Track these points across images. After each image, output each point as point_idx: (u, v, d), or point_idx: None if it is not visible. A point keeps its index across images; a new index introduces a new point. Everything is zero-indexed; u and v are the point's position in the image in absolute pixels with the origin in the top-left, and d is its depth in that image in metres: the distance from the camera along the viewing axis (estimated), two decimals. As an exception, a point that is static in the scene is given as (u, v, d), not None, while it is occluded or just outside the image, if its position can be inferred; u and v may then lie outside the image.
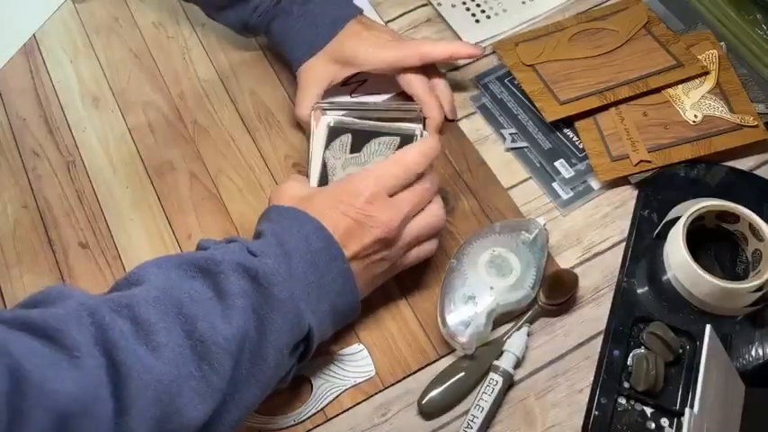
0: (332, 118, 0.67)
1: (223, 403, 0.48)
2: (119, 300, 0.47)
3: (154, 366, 0.44)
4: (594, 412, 0.58)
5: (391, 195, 0.58)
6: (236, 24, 0.76)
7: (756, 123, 0.71)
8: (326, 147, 0.66)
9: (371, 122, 0.66)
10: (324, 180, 0.65)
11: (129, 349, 0.44)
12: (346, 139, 0.66)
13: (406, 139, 0.65)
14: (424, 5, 0.84)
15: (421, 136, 0.65)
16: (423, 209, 0.60)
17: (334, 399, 0.61)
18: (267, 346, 0.50)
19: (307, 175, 0.66)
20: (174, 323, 0.47)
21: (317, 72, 0.72)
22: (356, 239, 0.56)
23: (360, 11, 0.74)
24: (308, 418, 0.60)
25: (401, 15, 0.84)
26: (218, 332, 0.47)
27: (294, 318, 0.52)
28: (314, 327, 0.53)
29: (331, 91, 0.73)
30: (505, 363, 0.60)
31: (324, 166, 0.66)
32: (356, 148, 0.66)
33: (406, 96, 0.74)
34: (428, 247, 0.62)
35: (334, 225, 0.56)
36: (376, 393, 0.61)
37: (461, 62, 0.79)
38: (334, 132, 0.66)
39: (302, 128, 0.75)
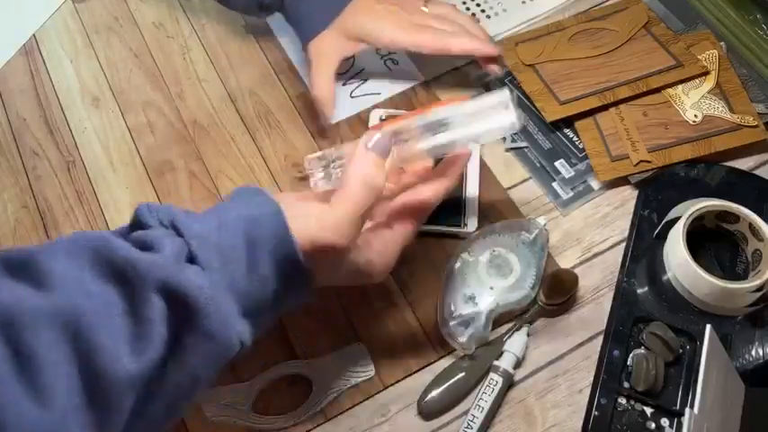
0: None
1: None
2: (3, 310, 0.36)
3: (36, 419, 0.35)
4: (594, 412, 0.58)
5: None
6: (252, 5, 0.73)
7: (756, 123, 0.71)
8: None
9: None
10: None
11: (4, 394, 0.35)
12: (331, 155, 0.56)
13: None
14: (423, 6, 0.84)
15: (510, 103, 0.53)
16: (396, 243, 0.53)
17: (334, 399, 0.61)
18: (188, 371, 0.42)
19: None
20: (68, 355, 0.37)
21: (327, 48, 0.70)
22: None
23: None
24: (308, 417, 0.60)
25: (401, 15, 0.83)
26: (122, 366, 0.38)
27: (223, 346, 0.43)
28: (247, 342, 0.45)
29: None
30: (505, 363, 0.60)
31: None
32: None
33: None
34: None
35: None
36: (376, 393, 0.61)
37: (460, 62, 0.79)
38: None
39: (307, 125, 0.75)
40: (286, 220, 0.45)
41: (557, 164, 0.72)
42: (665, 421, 0.58)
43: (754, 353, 0.60)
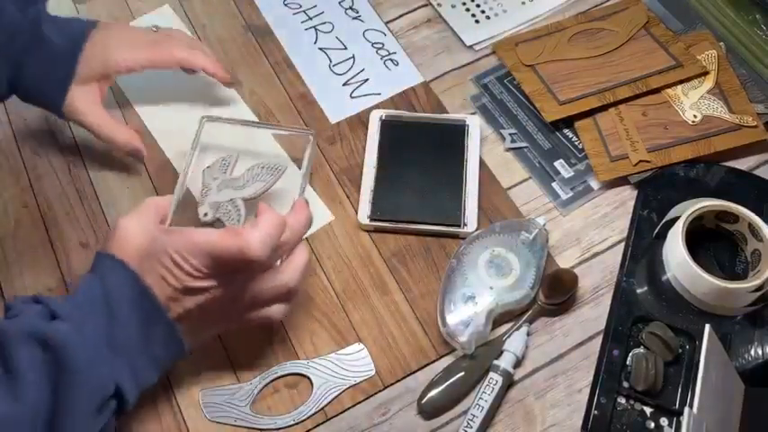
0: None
1: None
2: None
3: None
4: (594, 412, 0.58)
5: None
6: None
7: (755, 123, 0.71)
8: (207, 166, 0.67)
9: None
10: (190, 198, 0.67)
11: None
12: (231, 159, 0.67)
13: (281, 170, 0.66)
14: (423, 6, 0.84)
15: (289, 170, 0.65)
16: (270, 298, 0.56)
17: (334, 398, 0.61)
18: (65, 415, 0.47)
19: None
20: None
21: (83, 102, 0.68)
22: (180, 302, 0.53)
23: (95, 22, 0.70)
24: (309, 417, 0.60)
25: (401, 16, 0.84)
26: (2, 411, 0.45)
27: (95, 382, 0.49)
28: (125, 382, 0.50)
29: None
30: (505, 362, 0.60)
31: (203, 185, 0.67)
32: (237, 169, 0.67)
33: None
34: (250, 327, 0.58)
35: (156, 285, 0.52)
36: (376, 393, 0.61)
37: (460, 62, 0.79)
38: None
39: (307, 125, 0.75)
40: (130, 267, 0.52)
41: (556, 164, 0.72)
42: (664, 421, 0.58)
43: (753, 352, 0.60)
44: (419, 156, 0.71)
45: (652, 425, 0.58)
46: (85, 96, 0.68)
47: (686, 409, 0.52)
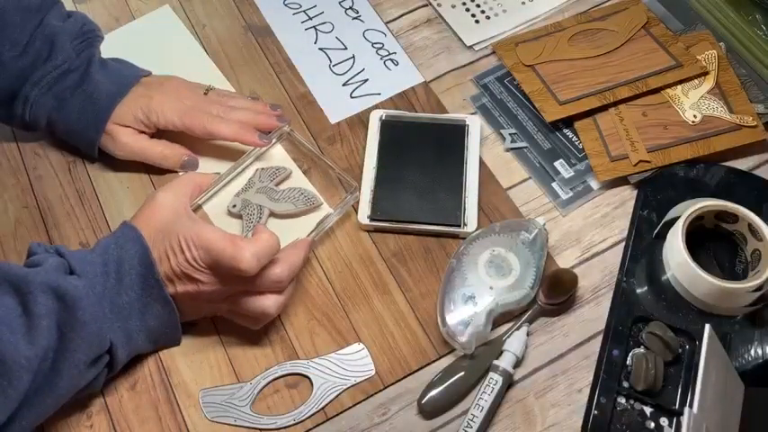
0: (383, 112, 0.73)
1: (18, 410, 0.51)
2: None
3: None
4: (594, 412, 0.58)
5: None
6: (12, 122, 0.71)
7: (755, 123, 0.71)
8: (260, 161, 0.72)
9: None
10: (241, 191, 0.70)
11: None
12: (283, 172, 0.71)
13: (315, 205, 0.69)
14: (423, 6, 0.84)
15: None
16: (260, 292, 0.59)
17: (334, 398, 0.61)
18: (64, 360, 0.53)
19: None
20: None
21: (120, 119, 0.69)
22: (175, 284, 0.58)
23: (147, 72, 0.72)
24: (309, 417, 0.60)
25: (401, 16, 0.84)
26: (20, 352, 0.50)
27: (94, 338, 0.55)
28: (118, 341, 0.57)
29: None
30: (505, 362, 0.60)
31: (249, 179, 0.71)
32: (280, 182, 0.71)
33: None
34: (247, 322, 0.62)
35: (160, 259, 0.58)
36: (376, 393, 0.61)
37: (460, 63, 0.79)
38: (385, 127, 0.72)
39: (307, 125, 0.75)
40: (146, 242, 0.57)
41: (556, 164, 0.72)
42: (664, 421, 0.58)
43: (753, 352, 0.60)
44: (419, 156, 0.71)
45: (652, 425, 0.58)
46: (123, 132, 0.70)
47: (686, 409, 0.52)
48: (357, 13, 0.84)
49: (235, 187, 0.71)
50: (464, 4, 0.84)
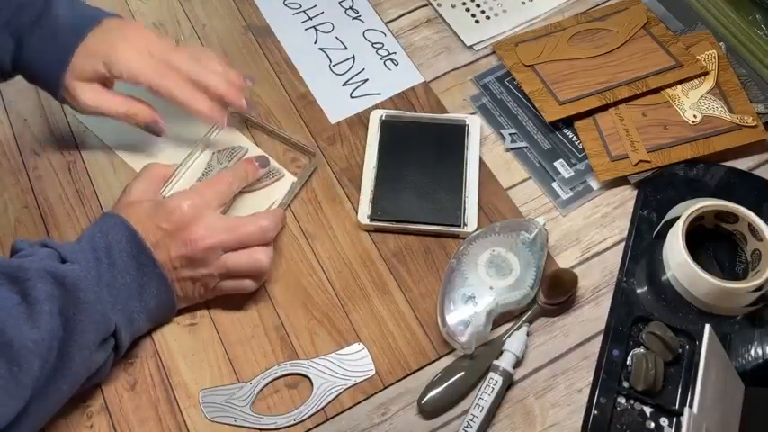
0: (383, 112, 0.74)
1: (32, 398, 0.51)
2: None
3: None
4: (594, 412, 0.58)
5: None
6: None
7: (755, 123, 0.71)
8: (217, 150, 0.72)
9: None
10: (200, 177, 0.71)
11: None
12: (240, 151, 0.72)
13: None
14: (423, 6, 0.84)
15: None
16: (247, 247, 0.61)
17: (334, 398, 0.61)
18: (73, 345, 0.53)
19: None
20: None
21: (80, 71, 0.65)
22: (163, 250, 0.59)
23: (113, 15, 0.68)
24: (309, 417, 0.60)
25: (401, 16, 0.84)
26: (25, 336, 0.50)
27: (100, 318, 0.55)
28: (120, 324, 0.57)
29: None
30: (505, 362, 0.60)
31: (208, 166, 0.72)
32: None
33: None
34: (246, 284, 0.63)
35: (146, 233, 0.59)
36: (376, 393, 0.61)
37: (460, 63, 0.79)
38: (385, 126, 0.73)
39: (307, 125, 0.75)
40: (131, 224, 0.59)
41: (556, 164, 0.72)
42: (664, 421, 0.58)
43: (753, 352, 0.60)
44: (419, 156, 0.72)
45: (652, 425, 0.58)
46: (86, 88, 0.67)
47: (686, 409, 0.52)
48: (357, 13, 0.84)
49: (194, 173, 0.71)
50: (464, 4, 0.84)
